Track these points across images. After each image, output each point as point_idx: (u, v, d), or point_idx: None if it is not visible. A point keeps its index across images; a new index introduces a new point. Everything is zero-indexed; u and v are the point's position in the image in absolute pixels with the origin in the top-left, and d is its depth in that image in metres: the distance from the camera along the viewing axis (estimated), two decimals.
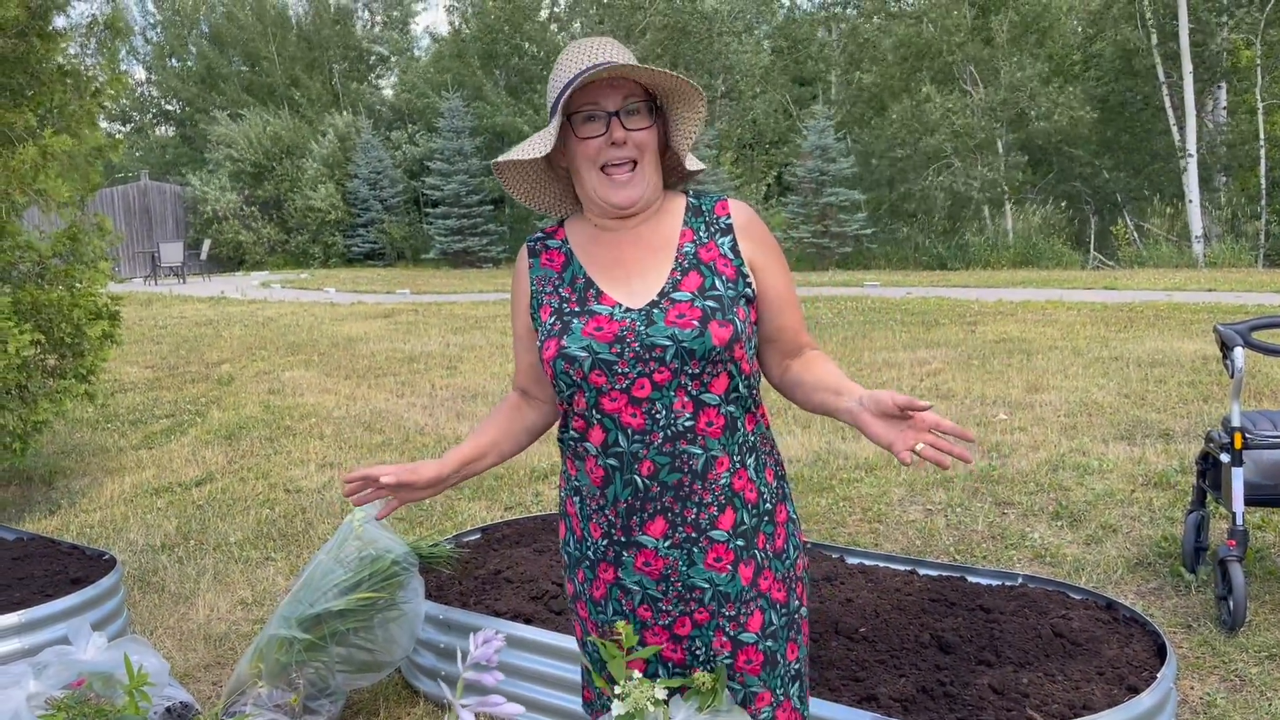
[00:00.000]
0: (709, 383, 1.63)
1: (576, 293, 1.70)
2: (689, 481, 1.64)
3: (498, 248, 26.98)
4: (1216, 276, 14.75)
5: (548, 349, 1.65)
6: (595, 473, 1.67)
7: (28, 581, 3.68)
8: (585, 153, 1.66)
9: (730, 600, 1.68)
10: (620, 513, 1.66)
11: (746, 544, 1.69)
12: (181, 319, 14.84)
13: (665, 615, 1.69)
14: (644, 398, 1.62)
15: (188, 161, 35.38)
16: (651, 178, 1.70)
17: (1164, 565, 3.91)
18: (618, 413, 1.63)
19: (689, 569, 1.66)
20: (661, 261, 1.70)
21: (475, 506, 5.27)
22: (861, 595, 3.09)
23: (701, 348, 1.60)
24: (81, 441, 7.47)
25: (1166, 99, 20.47)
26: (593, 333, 1.63)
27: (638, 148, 1.65)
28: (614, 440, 1.64)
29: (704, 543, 1.66)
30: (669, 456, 1.63)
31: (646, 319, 1.63)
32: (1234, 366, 3.45)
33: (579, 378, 1.63)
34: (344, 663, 2.96)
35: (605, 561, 1.70)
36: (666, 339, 1.61)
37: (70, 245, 6.19)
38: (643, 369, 1.61)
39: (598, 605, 1.74)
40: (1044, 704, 2.42)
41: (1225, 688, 3.01)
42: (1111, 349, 8.51)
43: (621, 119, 1.63)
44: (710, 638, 1.69)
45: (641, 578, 1.68)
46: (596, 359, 1.62)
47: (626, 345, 1.62)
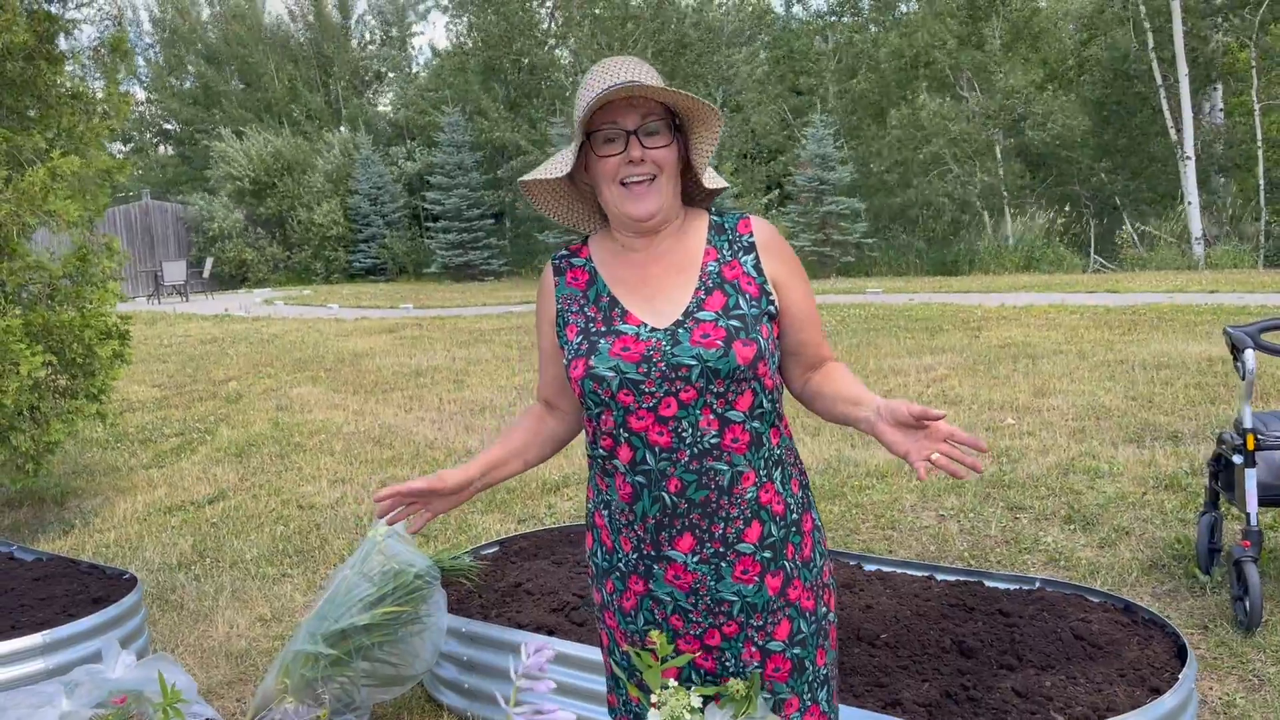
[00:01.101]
0: (734, 400, 1.66)
1: (602, 312, 1.72)
2: (716, 497, 1.67)
3: (499, 261, 27.04)
4: (1218, 278, 14.78)
5: (575, 369, 1.68)
6: (624, 489, 1.70)
7: (49, 602, 3.70)
8: (605, 170, 1.69)
9: (758, 611, 1.71)
10: (649, 528, 1.69)
11: (774, 555, 1.71)
12: (186, 337, 14.88)
13: (696, 626, 1.71)
14: (670, 416, 1.65)
15: (187, 180, 35.50)
16: (670, 192, 1.72)
17: (1178, 567, 3.93)
18: (645, 431, 1.66)
19: (717, 583, 1.69)
20: (685, 280, 1.72)
21: (489, 520, 5.30)
22: (881, 601, 3.11)
23: (726, 367, 1.63)
24: (92, 461, 7.49)
25: (1163, 101, 20.54)
26: (620, 353, 1.65)
27: (656, 164, 1.67)
28: (641, 458, 1.67)
29: (731, 556, 1.69)
30: (696, 474, 1.66)
31: (672, 339, 1.65)
32: (1245, 368, 3.48)
33: (607, 397, 1.65)
34: (368, 677, 2.98)
35: (636, 574, 1.73)
36: (692, 359, 1.63)
37: (79, 266, 6.22)
38: (669, 388, 1.64)
39: (627, 616, 1.76)
40: (1068, 707, 2.44)
41: (1244, 688, 3.03)
42: (1116, 352, 8.53)
43: (640, 138, 1.66)
44: (740, 649, 1.72)
45: (672, 589, 1.70)
46: (624, 379, 1.64)
47: (653, 365, 1.64)
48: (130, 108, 6.85)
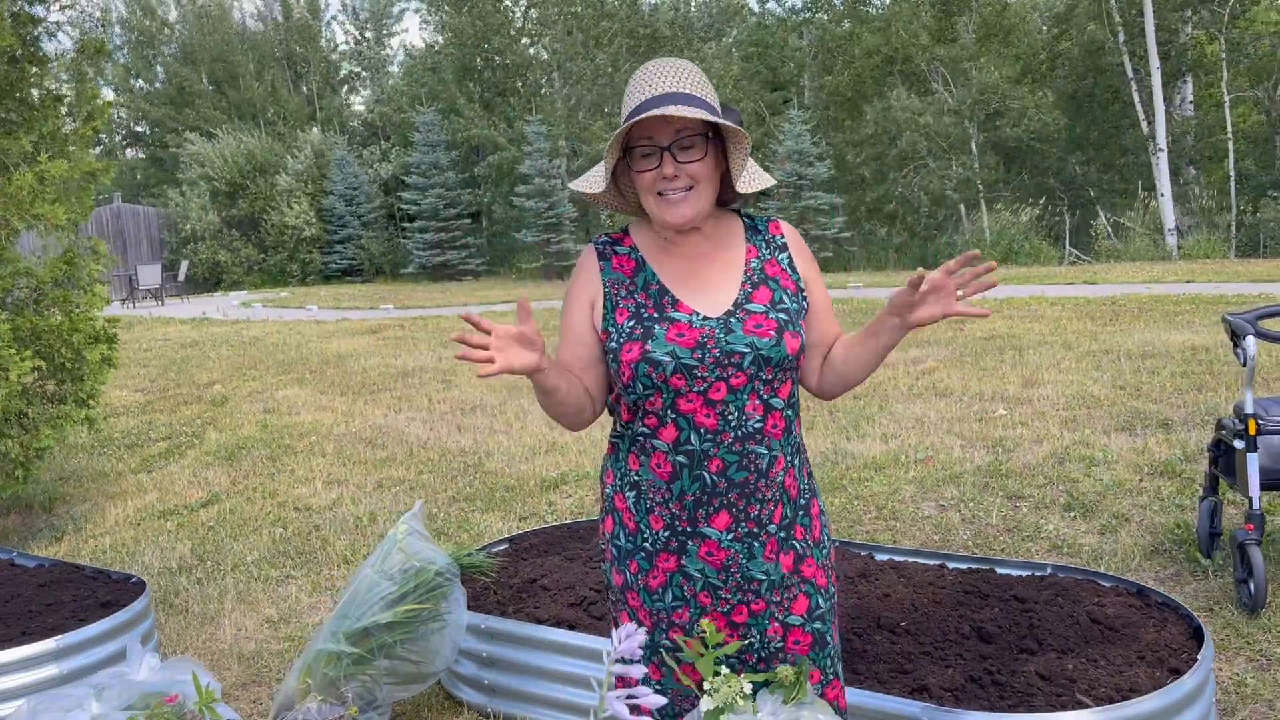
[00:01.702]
0: (778, 388, 1.77)
1: (652, 299, 1.78)
2: (754, 479, 1.76)
3: (477, 260, 26.96)
4: (1193, 268, 14.98)
5: (630, 351, 1.73)
6: (663, 468, 1.76)
7: (57, 607, 3.67)
8: (642, 183, 1.77)
9: (778, 588, 1.81)
10: (686, 505, 1.75)
11: (786, 535, 1.82)
12: (166, 341, 14.74)
13: (724, 603, 1.79)
14: (719, 400, 1.73)
15: (158, 183, 35.13)
16: (707, 198, 1.78)
17: (1179, 551, 3.99)
18: (693, 413, 1.73)
19: (749, 562, 1.78)
20: (731, 275, 1.81)
21: (489, 518, 5.29)
22: (897, 590, 3.14)
23: (777, 356, 1.74)
24: (79, 467, 7.42)
25: (1135, 94, 20.79)
26: (675, 339, 1.72)
27: (692, 177, 1.74)
28: (686, 439, 1.74)
29: (764, 537, 1.78)
30: (738, 455, 1.74)
31: (725, 327, 1.74)
32: (1246, 355, 3.54)
33: (660, 380, 1.72)
34: (389, 675, 2.98)
35: (666, 551, 1.78)
36: (745, 346, 1.72)
37: (66, 270, 6.16)
38: (721, 373, 1.72)
39: (654, 594, 1.81)
40: (1091, 689, 2.48)
41: (1253, 668, 3.09)
42: (1101, 342, 8.64)
43: (673, 153, 1.72)
44: (765, 626, 1.81)
45: (704, 566, 1.77)
46: (679, 363, 1.71)
47: (707, 351, 1.72)
48: (111, 110, 6.80)
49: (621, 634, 1.36)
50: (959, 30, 22.66)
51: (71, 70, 6.65)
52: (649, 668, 1.85)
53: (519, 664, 3.10)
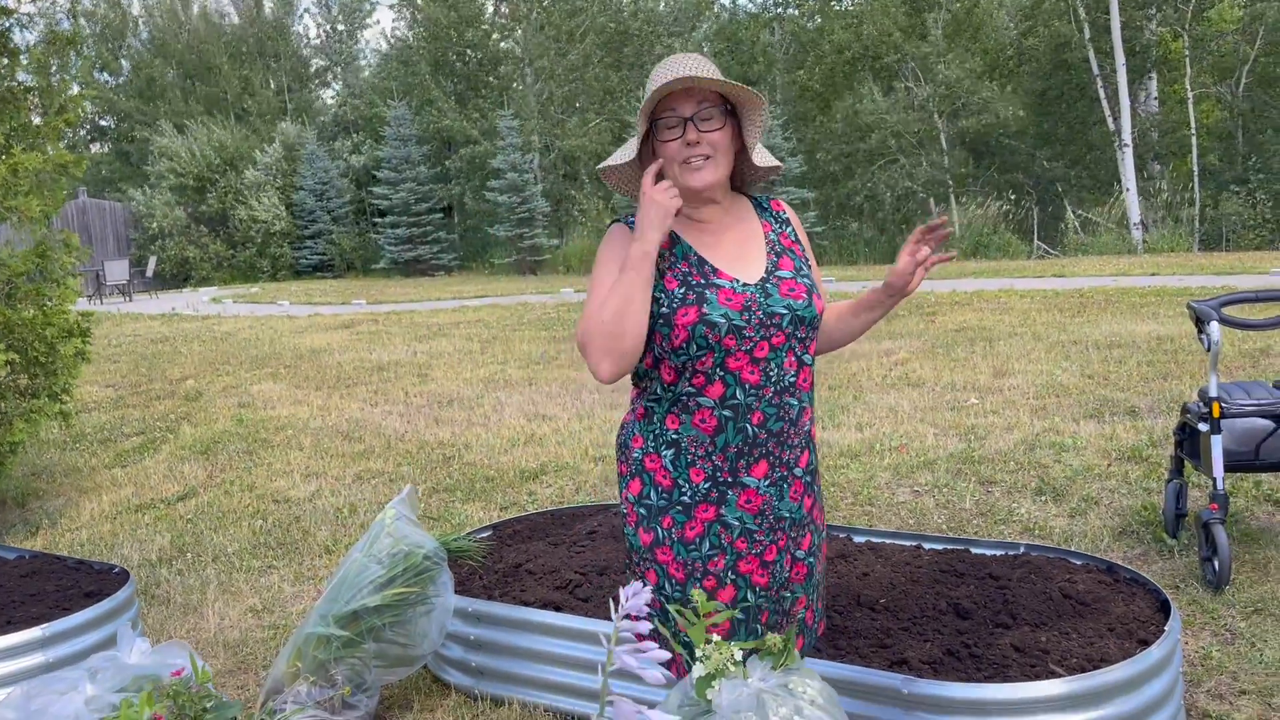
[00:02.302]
0: (808, 345, 2.00)
1: (694, 267, 1.96)
2: (787, 428, 1.98)
3: (449, 255, 26.87)
4: (1158, 261, 15.24)
5: (685, 315, 1.90)
6: (708, 423, 1.94)
7: (41, 597, 3.67)
8: (667, 153, 1.96)
9: (798, 525, 2.04)
10: (729, 456, 1.94)
11: (812, 480, 2.07)
12: (136, 337, 14.61)
13: (758, 545, 1.99)
14: (762, 357, 1.93)
15: (124, 178, 34.71)
16: (725, 167, 1.98)
17: (1147, 532, 4.10)
18: (739, 370, 1.92)
19: (779, 502, 2.00)
20: (755, 247, 2.02)
21: (470, 508, 5.33)
22: (875, 570, 3.22)
23: (810, 315, 1.97)
24: (51, 462, 7.36)
25: (1101, 91, 21.07)
26: (725, 302, 1.91)
27: (712, 145, 1.93)
28: (732, 394, 1.93)
29: (790, 479, 2.01)
30: (776, 407, 1.95)
31: (763, 292, 1.94)
32: (1210, 340, 3.65)
33: (714, 340, 1.90)
34: (378, 657, 3.01)
35: (706, 502, 1.96)
36: (784, 308, 1.94)
37: (39, 263, 6.12)
38: (764, 333, 1.93)
39: (690, 545, 1.98)
40: (1064, 659, 2.56)
41: (1218, 641, 3.19)
42: (1069, 333, 8.79)
43: (696, 123, 1.92)
44: (785, 560, 2.03)
45: (742, 513, 1.97)
46: (732, 325, 1.90)
47: (752, 313, 1.92)
48: (83, 103, 6.76)
49: (629, 591, 1.42)
50: (929, 26, 22.86)
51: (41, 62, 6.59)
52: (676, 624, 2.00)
53: (505, 646, 3.14)
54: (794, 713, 1.73)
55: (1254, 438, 3.71)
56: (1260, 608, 3.37)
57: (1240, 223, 19.26)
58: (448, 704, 3.20)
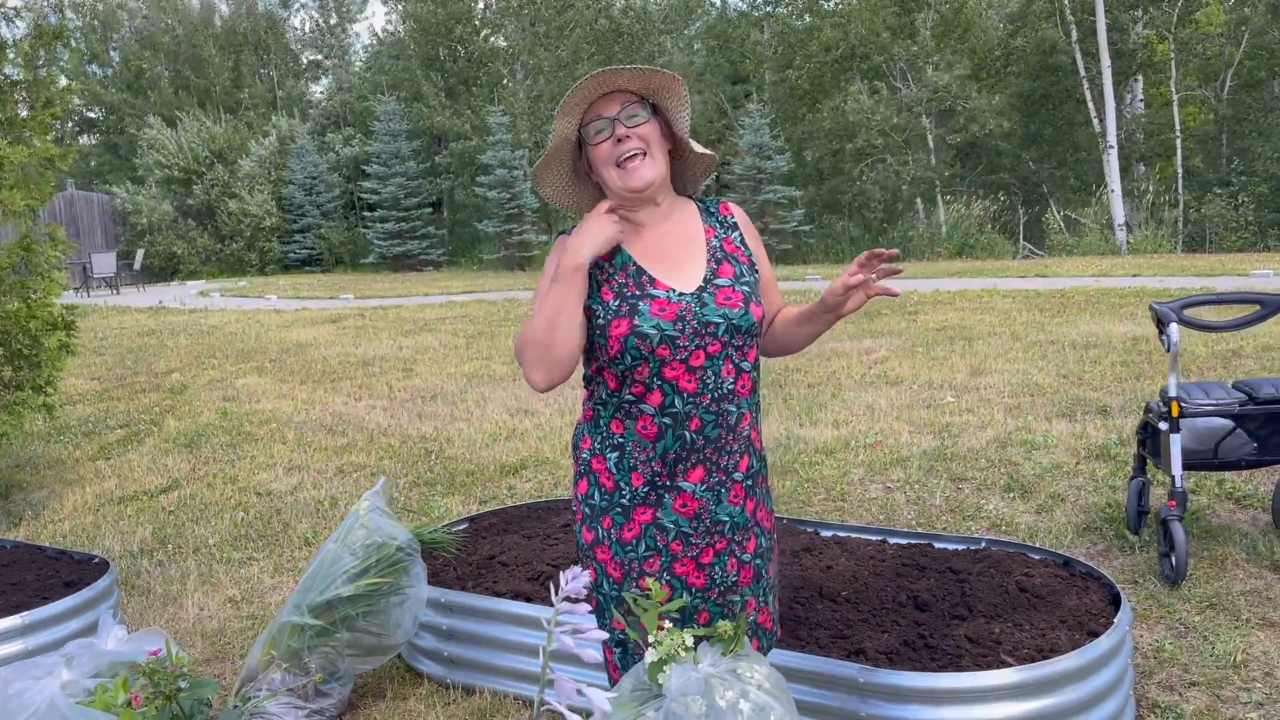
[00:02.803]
0: (747, 353, 2.01)
1: (631, 279, 1.98)
2: (725, 434, 1.99)
3: (438, 251, 26.88)
4: (1140, 263, 15.36)
5: (618, 327, 1.93)
6: (648, 430, 1.97)
7: (21, 586, 3.73)
8: (600, 156, 1.98)
9: (740, 529, 2.05)
10: (667, 462, 1.97)
11: (754, 484, 2.07)
12: (122, 330, 14.61)
13: (694, 548, 2.01)
14: (699, 366, 1.95)
15: (112, 170, 34.60)
16: (661, 163, 2.00)
17: (1109, 529, 4.19)
18: (676, 379, 1.94)
19: (716, 507, 2.01)
20: (696, 254, 2.03)
21: (450, 501, 5.39)
22: (839, 563, 3.30)
23: (746, 324, 1.98)
24: (34, 454, 7.39)
25: (1087, 92, 21.21)
26: (658, 313, 1.93)
27: (643, 140, 1.96)
28: (670, 402, 1.95)
29: (729, 484, 2.02)
30: (714, 414, 1.97)
31: (699, 301, 1.96)
32: (1169, 341, 3.73)
33: (647, 351, 1.92)
34: (351, 647, 3.08)
35: (644, 505, 1.99)
36: (719, 317, 1.95)
37: (24, 256, 6.15)
38: (699, 342, 1.94)
39: (627, 546, 2.01)
40: (1015, 650, 2.65)
41: (1172, 635, 3.28)
42: (1048, 333, 8.89)
43: (622, 121, 1.95)
44: (726, 562, 2.04)
45: (678, 517, 1.99)
46: (664, 335, 1.92)
47: (686, 323, 1.94)
48: (70, 96, 6.79)
49: (569, 575, 1.48)
50: (918, 26, 22.97)
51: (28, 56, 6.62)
52: (613, 621, 2.04)
53: (478, 636, 3.21)
54: (740, 696, 1.80)
55: (1213, 437, 3.80)
56: (1215, 603, 3.46)
57: (1223, 225, 19.42)
58: (420, 692, 3.27)
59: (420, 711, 3.16)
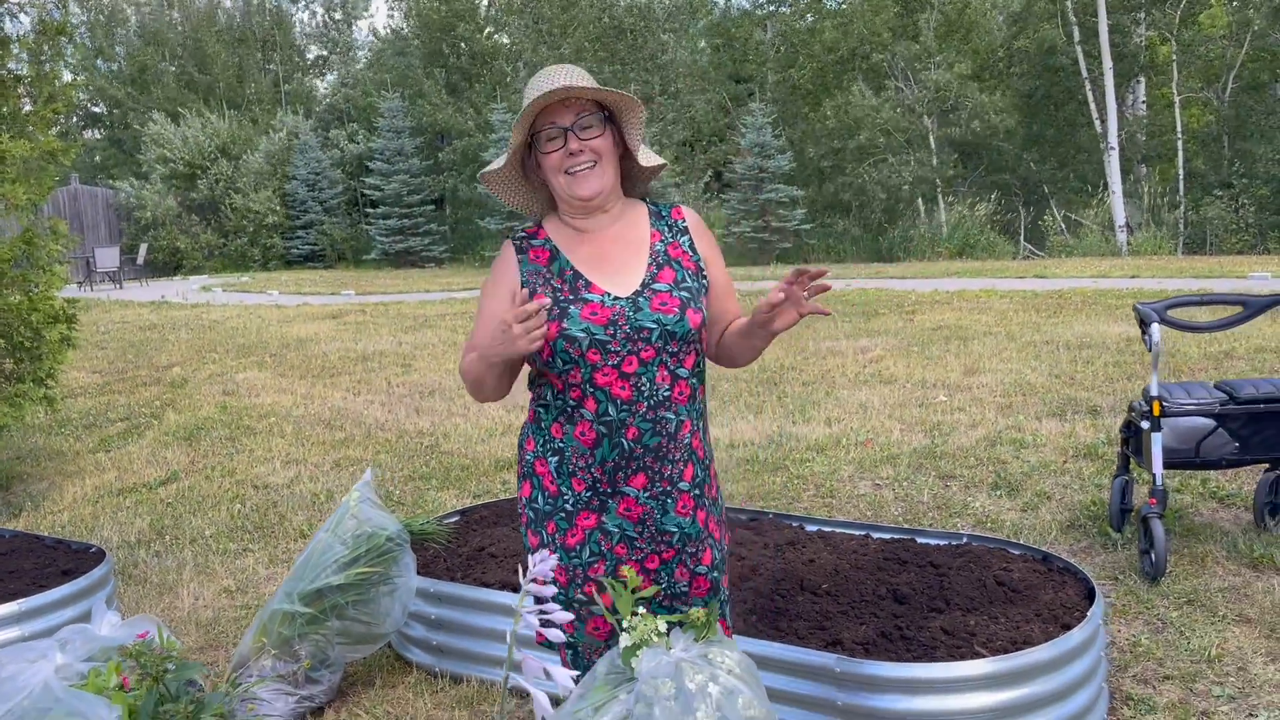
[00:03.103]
0: (683, 359, 1.97)
1: (567, 283, 1.96)
2: (665, 442, 1.96)
3: (440, 248, 26.94)
4: (1139, 264, 15.39)
5: (549, 331, 1.89)
6: (586, 436, 1.95)
7: (18, 574, 3.79)
8: (550, 164, 1.96)
9: (692, 540, 2.03)
10: (607, 470, 1.95)
11: (701, 493, 2.04)
12: (124, 324, 14.69)
13: (639, 552, 2.00)
14: (632, 372, 1.92)
15: (116, 164, 34.69)
16: (611, 174, 1.99)
17: (1093, 526, 4.24)
18: (609, 385, 1.92)
19: (662, 516, 1.99)
20: (638, 258, 2.00)
21: (445, 495, 5.45)
22: (822, 557, 3.35)
23: (681, 330, 1.93)
24: (36, 446, 7.46)
25: (1089, 93, 21.23)
26: (589, 317, 1.90)
27: (594, 152, 1.94)
28: (604, 410, 1.93)
29: (675, 494, 2.00)
30: (651, 422, 1.94)
31: (634, 306, 1.93)
32: (1151, 341, 3.79)
33: (577, 355, 1.90)
34: (342, 635, 3.14)
35: (587, 510, 1.97)
36: (653, 323, 1.92)
37: (26, 250, 6.21)
38: (632, 348, 1.91)
39: (570, 551, 1.99)
40: (989, 641, 2.70)
41: (1149, 630, 3.33)
42: (1043, 333, 8.94)
43: (575, 132, 1.93)
44: (673, 570, 2.03)
45: (623, 521, 1.98)
46: (593, 339, 1.90)
47: (618, 328, 1.91)
48: (73, 92, 6.85)
49: (536, 558, 1.54)
50: (920, 27, 23.00)
51: (32, 51, 6.68)
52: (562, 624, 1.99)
53: (466, 626, 3.27)
54: (710, 680, 1.86)
55: (1195, 436, 3.85)
56: (1192, 599, 3.51)
57: (1223, 226, 19.44)
58: (409, 680, 3.33)
59: (409, 699, 3.22)
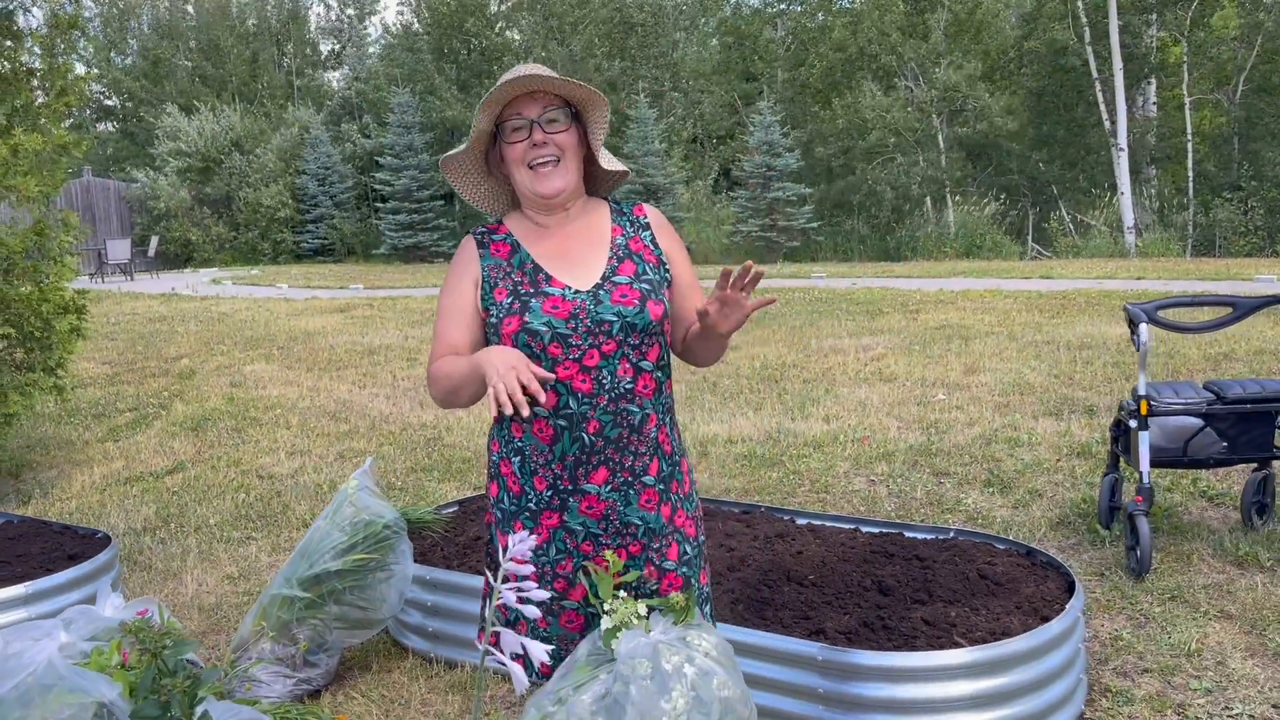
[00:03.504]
0: (646, 352, 1.96)
1: (527, 276, 1.96)
2: (628, 435, 1.95)
3: (449, 243, 27.02)
4: (1146, 265, 15.39)
5: (509, 325, 1.90)
6: (545, 432, 1.93)
7: (26, 559, 3.88)
8: (513, 155, 1.96)
9: (656, 534, 2.01)
10: (567, 465, 1.93)
11: (665, 488, 2.02)
12: (134, 315, 14.82)
13: (605, 548, 1.98)
14: (593, 366, 1.91)
15: (129, 157, 34.88)
16: (574, 172, 1.99)
17: (1082, 523, 4.30)
18: (569, 379, 1.90)
19: (625, 509, 1.97)
20: (598, 251, 2.01)
21: (445, 487, 5.53)
22: (810, 549, 3.42)
23: (642, 322, 1.93)
24: (45, 436, 7.57)
25: (1099, 94, 21.21)
26: (550, 310, 1.90)
27: (558, 147, 1.95)
28: (565, 403, 1.91)
29: (638, 486, 1.98)
30: (612, 415, 1.93)
31: (594, 299, 1.92)
32: (1140, 341, 3.84)
33: (539, 349, 1.89)
34: (339, 620, 3.21)
35: (549, 510, 1.97)
36: (613, 315, 1.91)
37: (37, 241, 6.30)
38: (593, 341, 1.91)
39: (537, 551, 1.99)
40: (969, 632, 2.76)
41: (1131, 625, 3.39)
42: (1044, 333, 8.97)
43: (541, 125, 1.94)
44: (641, 566, 2.01)
45: (585, 519, 1.97)
46: (555, 333, 1.89)
47: (580, 321, 1.90)
48: (85, 85, 6.94)
49: (515, 539, 1.61)
50: (930, 26, 23.00)
51: (44, 45, 6.77)
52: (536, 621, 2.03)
53: (461, 613, 3.34)
54: (686, 661, 1.93)
55: (1183, 435, 3.90)
56: (1176, 595, 3.56)
57: (1232, 229, 19.42)
58: (405, 665, 3.40)
59: (404, 684, 3.29)
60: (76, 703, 2.43)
